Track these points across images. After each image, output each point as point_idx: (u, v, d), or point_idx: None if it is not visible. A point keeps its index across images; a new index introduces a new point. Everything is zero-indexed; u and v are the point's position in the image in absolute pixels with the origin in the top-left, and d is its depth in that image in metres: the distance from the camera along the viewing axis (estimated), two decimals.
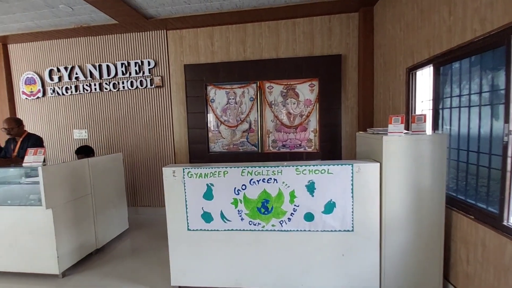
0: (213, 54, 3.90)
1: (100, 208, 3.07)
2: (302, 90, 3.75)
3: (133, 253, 3.06)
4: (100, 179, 3.09)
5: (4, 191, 2.99)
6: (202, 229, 2.21)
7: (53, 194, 2.50)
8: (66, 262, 2.63)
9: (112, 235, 3.29)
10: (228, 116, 3.90)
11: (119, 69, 4.08)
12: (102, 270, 2.69)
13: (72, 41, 4.23)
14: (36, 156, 2.58)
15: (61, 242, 2.57)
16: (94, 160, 3.04)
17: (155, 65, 4.03)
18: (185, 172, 2.17)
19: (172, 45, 3.99)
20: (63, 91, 4.28)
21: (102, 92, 4.20)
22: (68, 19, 3.67)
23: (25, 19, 3.65)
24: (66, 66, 4.23)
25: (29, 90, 4.40)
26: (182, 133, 4.06)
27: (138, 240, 3.40)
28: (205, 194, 2.17)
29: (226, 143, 3.94)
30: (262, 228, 2.15)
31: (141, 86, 4.07)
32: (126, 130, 4.21)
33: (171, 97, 4.06)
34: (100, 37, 4.15)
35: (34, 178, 2.98)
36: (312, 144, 3.80)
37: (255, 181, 2.10)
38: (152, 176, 4.22)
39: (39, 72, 4.35)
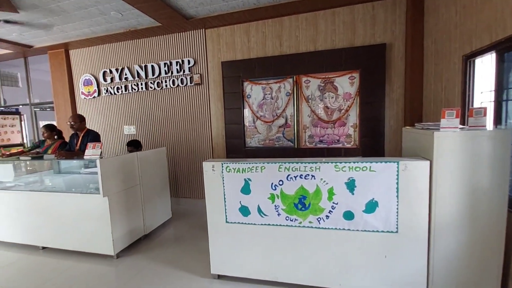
0: (249, 50, 3.93)
1: (147, 197, 3.34)
2: (341, 83, 3.60)
3: (176, 241, 3.28)
4: (147, 171, 3.35)
5: (69, 180, 3.42)
6: (240, 222, 2.28)
7: (109, 184, 2.79)
8: (120, 245, 2.93)
9: (157, 223, 3.56)
10: (264, 111, 3.92)
11: (162, 68, 4.34)
12: (150, 255, 2.94)
13: (122, 45, 4.61)
14: (94, 150, 2.89)
15: (115, 227, 2.86)
16: (142, 153, 3.30)
17: (195, 63, 4.21)
18: (223, 166, 2.25)
19: (210, 43, 4.11)
20: (114, 91, 4.70)
21: (147, 91, 4.52)
22: (118, 24, 4.00)
23: (83, 27, 4.07)
24: (117, 68, 4.63)
25: (87, 90, 4.92)
26: (219, 128, 4.20)
27: (180, 229, 3.63)
28: (243, 189, 2.22)
29: (262, 138, 3.97)
30: (299, 224, 2.14)
31: (181, 84, 4.28)
32: (168, 125, 4.49)
33: (209, 93, 4.21)
34: (145, 39, 4.45)
35: (92, 169, 3.36)
36: (351, 140, 3.64)
37: (292, 177, 2.09)
38: (192, 169, 4.45)
39: (95, 74, 4.84)
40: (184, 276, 2.50)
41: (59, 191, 3.05)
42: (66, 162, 3.51)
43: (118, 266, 2.76)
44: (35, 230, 3.15)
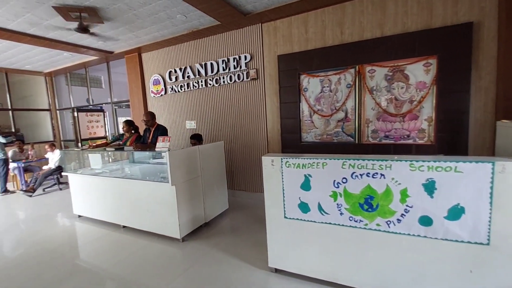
0: (306, 41, 3.79)
1: (207, 188, 3.55)
2: (414, 71, 3.19)
3: (233, 231, 3.42)
4: (207, 164, 3.55)
5: (143, 168, 3.85)
6: (299, 218, 2.24)
7: (176, 174, 3.04)
8: (184, 229, 3.19)
9: (216, 213, 3.77)
10: (322, 105, 3.75)
11: (220, 65, 4.52)
12: (211, 242, 3.13)
13: (185, 45, 4.95)
14: (164, 143, 3.18)
15: (181, 213, 3.12)
16: (203, 147, 3.51)
17: (251, 58, 4.26)
18: (283, 161, 2.23)
19: (266, 37, 4.10)
20: (178, 89, 5.10)
21: (207, 87, 4.78)
22: (182, 26, 4.29)
23: (153, 31, 4.49)
24: (181, 67, 5.01)
25: (155, 89, 5.46)
26: (274, 123, 4.19)
27: (236, 220, 3.77)
28: (303, 185, 2.17)
29: (319, 133, 3.82)
30: (364, 226, 1.99)
31: (238, 80, 4.40)
32: (226, 120, 4.68)
33: (265, 88, 4.22)
34: (205, 39, 4.68)
35: (158, 159, 3.73)
36: (425, 135, 3.22)
37: (358, 175, 1.95)
38: (247, 163, 4.56)
39: (162, 74, 5.32)
40: (243, 266, 2.59)
41: (136, 179, 3.46)
42: (138, 152, 3.97)
43: (184, 249, 3.01)
44: (117, 211, 3.67)
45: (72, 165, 4.31)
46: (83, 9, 3.51)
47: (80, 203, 4.12)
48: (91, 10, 3.54)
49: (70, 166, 4.30)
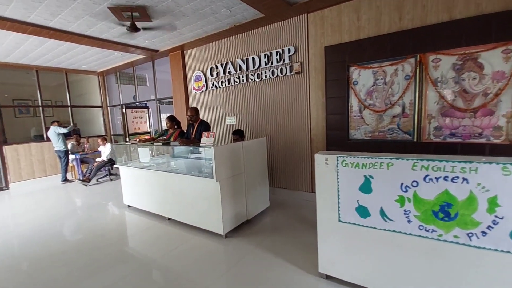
0: (358, 30, 3.49)
1: (249, 185, 3.49)
2: (490, 59, 2.75)
3: (275, 230, 3.31)
4: (250, 160, 3.48)
5: (187, 163, 3.91)
6: (356, 223, 2.04)
7: (220, 170, 3.02)
8: (228, 226, 3.16)
9: (257, 210, 3.69)
10: (374, 99, 3.44)
11: (262, 60, 4.41)
12: (254, 240, 3.06)
13: (226, 41, 4.93)
14: (208, 139, 3.18)
15: (225, 209, 3.09)
16: (246, 143, 3.45)
17: (295, 51, 4.08)
18: (339, 160, 2.04)
19: (312, 28, 3.88)
20: (219, 85, 5.12)
21: (248, 83, 4.71)
22: (226, 21, 4.26)
23: (197, 28, 4.53)
24: (222, 63, 5.01)
25: (197, 85, 5.55)
26: (319, 119, 3.97)
27: (278, 219, 3.66)
28: (362, 187, 1.96)
29: (370, 130, 3.52)
30: (438, 237, 1.73)
31: (281, 74, 4.25)
32: (267, 116, 4.57)
33: (309, 82, 4.01)
34: (247, 33, 4.61)
35: (197, 154, 3.75)
36: (502, 134, 2.76)
37: (433, 179, 1.69)
38: (289, 160, 4.41)
39: (204, 70, 5.38)
40: (291, 269, 2.46)
41: (180, 173, 3.53)
42: (178, 147, 4.05)
43: (227, 245, 2.99)
44: (163, 203, 3.79)
45: (122, 158, 4.57)
46: (134, 8, 3.64)
47: (129, 194, 4.35)
48: (141, 8, 3.66)
49: (121, 159, 4.56)
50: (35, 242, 3.41)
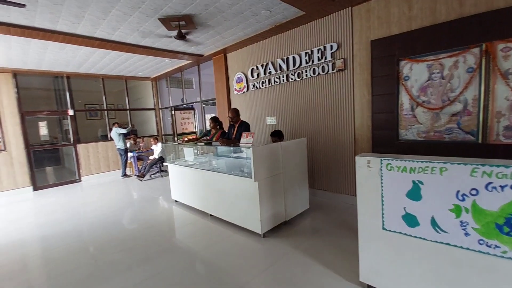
0: (410, 20, 3.18)
1: (288, 186, 3.46)
2: None
3: (315, 233, 3.23)
4: (289, 161, 3.45)
5: (227, 162, 4.06)
6: (402, 232, 1.87)
7: (259, 170, 3.05)
8: (266, 226, 3.19)
9: (296, 212, 3.64)
10: (429, 95, 3.09)
11: (303, 58, 4.33)
12: (292, 241, 3.03)
13: (266, 42, 4.96)
14: (248, 139, 3.25)
15: (263, 209, 3.13)
16: (285, 143, 3.42)
17: (338, 47, 3.90)
18: (383, 163, 1.90)
19: (357, 22, 3.67)
20: (260, 85, 5.18)
21: (288, 82, 4.67)
22: (266, 22, 4.29)
23: (238, 31, 4.66)
24: (262, 64, 5.05)
25: (238, 87, 5.71)
26: (364, 118, 3.73)
27: (318, 222, 3.56)
28: (410, 193, 1.79)
29: (423, 130, 3.18)
30: (502, 254, 1.50)
31: (322, 72, 4.11)
32: (308, 116, 4.47)
33: (353, 79, 3.80)
34: (287, 32, 4.57)
35: (238, 154, 3.84)
36: None
37: (497, 187, 1.46)
38: (330, 161, 4.25)
39: (245, 72, 5.51)
40: (329, 275, 2.38)
41: (221, 172, 3.67)
42: (221, 147, 4.21)
43: (265, 245, 3.02)
44: (205, 200, 3.99)
45: (171, 156, 4.95)
46: (181, 18, 3.91)
47: (177, 190, 4.70)
48: (187, 17, 3.91)
49: (170, 157, 4.95)
50: (100, 228, 3.91)
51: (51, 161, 9.03)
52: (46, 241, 3.61)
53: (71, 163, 7.67)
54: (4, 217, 4.75)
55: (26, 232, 4.00)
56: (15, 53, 5.11)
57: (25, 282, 2.68)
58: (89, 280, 2.60)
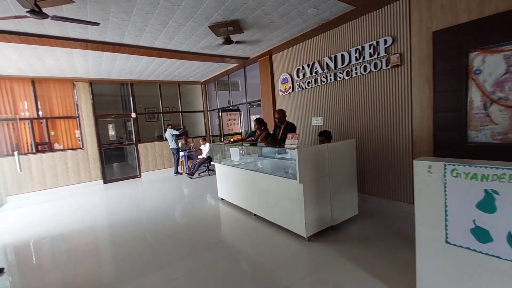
0: (481, 5, 2.77)
1: (334, 189, 3.31)
2: None
3: (364, 241, 3.03)
4: (336, 163, 3.30)
5: (271, 163, 4.08)
6: (471, 248, 1.63)
7: (304, 172, 2.99)
8: (310, 229, 3.11)
9: (343, 217, 3.47)
10: (507, 91, 2.64)
11: (353, 55, 4.10)
12: (338, 248, 2.89)
13: (313, 40, 4.84)
14: (293, 140, 3.21)
15: (308, 212, 3.05)
16: (332, 145, 3.29)
17: (393, 42, 3.60)
18: (447, 169, 1.69)
19: (416, 12, 3.33)
20: (305, 85, 5.08)
21: (336, 81, 4.48)
22: (312, 21, 4.20)
23: (283, 32, 4.65)
24: (308, 63, 4.95)
25: (283, 88, 5.69)
26: (424, 118, 3.37)
27: (367, 229, 3.33)
28: (482, 204, 1.56)
29: (500, 131, 2.73)
30: None
31: (374, 69, 3.84)
32: (357, 116, 4.22)
33: (411, 75, 3.46)
34: (335, 29, 4.39)
35: (283, 155, 3.81)
36: None
37: None
38: (383, 165, 3.94)
39: (290, 72, 5.47)
40: (379, 286, 2.21)
41: (265, 172, 3.70)
42: (266, 148, 4.24)
43: (309, 249, 2.94)
44: (250, 200, 4.08)
45: (217, 156, 5.19)
46: (229, 23, 4.07)
47: (223, 188, 4.90)
48: (235, 22, 4.05)
49: (217, 157, 5.19)
50: (156, 219, 4.30)
51: (117, 158, 10.28)
52: (113, 228, 4.12)
53: (133, 161, 8.60)
54: (81, 206, 5.57)
55: (97, 219, 4.62)
56: (91, 65, 5.96)
57: (96, 262, 3.10)
58: (147, 265, 2.87)
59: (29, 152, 6.69)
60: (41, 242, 3.80)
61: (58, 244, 3.69)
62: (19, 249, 3.62)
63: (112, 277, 2.77)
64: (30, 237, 4.00)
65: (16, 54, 4.83)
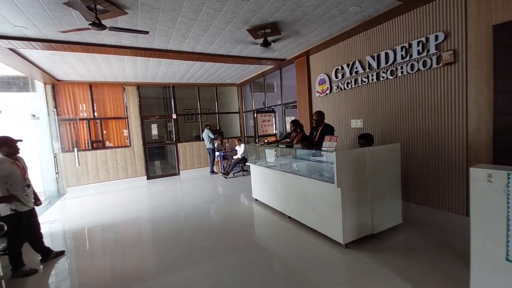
0: None
1: (376, 196, 3.14)
2: None
3: (408, 252, 2.81)
4: (378, 168, 3.13)
5: (309, 166, 4.01)
6: None
7: (342, 176, 2.89)
8: (348, 236, 2.98)
9: (385, 225, 3.27)
10: None
11: (398, 53, 3.85)
12: (379, 258, 2.73)
13: (353, 39, 4.66)
14: (330, 143, 3.12)
15: (346, 218, 2.94)
16: (374, 149, 3.13)
17: (445, 37, 3.30)
18: (511, 178, 1.50)
19: (472, 4, 3.02)
20: (344, 86, 4.90)
21: (378, 81, 4.25)
22: (354, 19, 4.04)
23: (322, 32, 4.55)
24: (348, 63, 4.77)
25: (321, 89, 5.56)
26: (482, 121, 3.03)
27: (413, 240, 3.09)
28: None
29: None
30: None
31: (423, 68, 3.56)
32: (402, 118, 3.95)
33: (467, 74, 3.14)
34: (378, 27, 4.16)
35: (318, 157, 3.71)
36: None
37: None
38: (431, 172, 3.63)
39: (328, 73, 5.32)
40: None
41: (301, 175, 3.65)
42: (300, 150, 4.17)
43: (347, 256, 2.83)
44: (284, 202, 4.05)
45: (252, 157, 5.26)
46: (267, 26, 4.11)
47: (257, 189, 4.94)
48: (272, 25, 4.08)
49: (251, 158, 5.26)
50: (193, 216, 4.51)
51: (158, 156, 10.98)
52: (154, 222, 4.41)
53: (173, 159, 9.12)
54: (128, 199, 6.07)
55: (141, 212, 5.00)
56: (139, 70, 6.47)
57: (139, 252, 3.35)
58: (186, 259, 3.02)
59: (86, 149, 7.49)
60: (94, 230, 4.23)
61: (108, 233, 4.07)
62: (76, 235, 4.08)
63: (155, 268, 2.97)
64: (85, 225, 4.47)
65: (78, 62, 5.45)
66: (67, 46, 4.37)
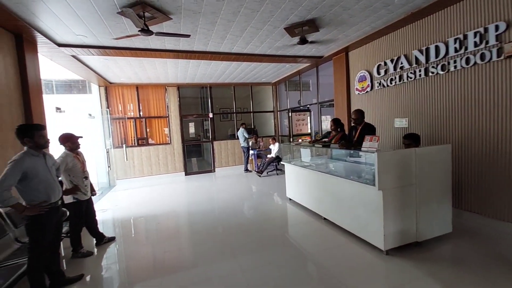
0: None
1: (422, 201, 2.90)
2: None
3: (459, 263, 2.56)
4: (425, 171, 2.89)
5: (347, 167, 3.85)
6: None
7: (384, 178, 2.73)
8: (390, 242, 2.81)
9: (432, 234, 3.01)
10: None
11: (451, 46, 3.51)
12: (425, 266, 2.53)
13: (398, 33, 4.35)
14: (371, 143, 2.96)
15: (387, 223, 2.77)
16: (421, 150, 2.90)
17: (507, 27, 2.92)
18: None
19: None
20: (387, 83, 4.61)
21: (427, 77, 3.91)
22: (400, 11, 3.77)
23: (364, 26, 4.32)
24: (392, 58, 4.47)
25: (360, 86, 5.30)
26: None
27: (464, 250, 2.81)
28: None
29: None
30: None
31: (481, 61, 3.19)
32: (454, 117, 3.59)
33: None
34: (427, 18, 3.83)
35: (356, 158, 3.53)
36: None
37: None
38: (487, 177, 3.25)
39: (369, 69, 5.05)
40: None
41: (339, 176, 3.53)
42: (337, 150, 4.01)
43: (388, 264, 2.67)
44: (320, 203, 3.96)
45: (287, 156, 5.22)
46: (304, 23, 4.04)
47: (291, 188, 4.90)
48: (310, 22, 3.99)
49: (286, 157, 5.22)
50: (227, 212, 4.64)
51: (195, 153, 11.49)
52: (192, 215, 4.64)
53: (208, 156, 9.47)
54: (168, 193, 6.46)
55: (180, 206, 5.29)
56: (180, 72, 6.83)
57: (177, 244, 3.55)
58: (221, 253, 3.13)
59: (132, 145, 8.15)
60: (139, 220, 4.58)
61: (151, 223, 4.38)
62: (124, 224, 4.46)
63: (193, 258, 3.13)
64: (131, 215, 4.87)
65: (127, 65, 5.94)
66: (119, 52, 4.79)
